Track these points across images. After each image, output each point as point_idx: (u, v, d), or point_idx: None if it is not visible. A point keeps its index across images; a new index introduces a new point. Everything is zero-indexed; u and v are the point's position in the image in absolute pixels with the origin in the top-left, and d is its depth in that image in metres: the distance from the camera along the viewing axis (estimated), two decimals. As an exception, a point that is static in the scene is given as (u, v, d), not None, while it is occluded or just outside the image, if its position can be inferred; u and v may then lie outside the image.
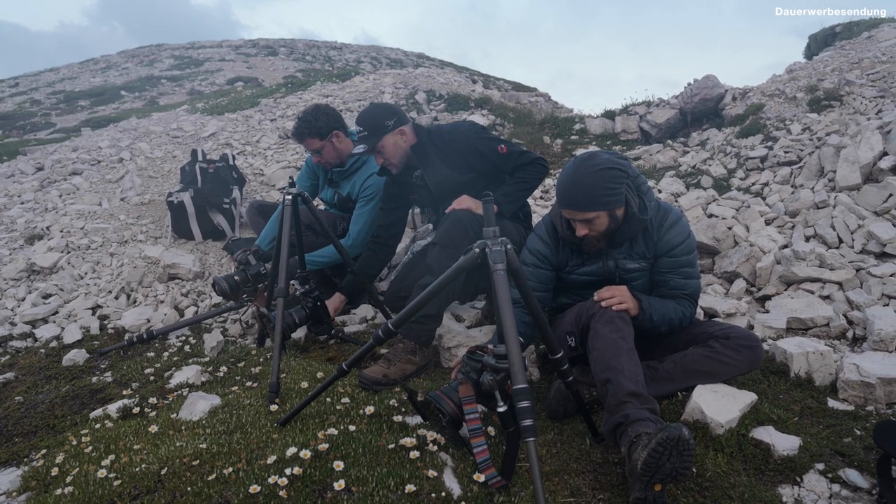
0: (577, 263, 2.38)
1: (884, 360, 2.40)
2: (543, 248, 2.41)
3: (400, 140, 2.95)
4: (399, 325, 1.90)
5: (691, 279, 2.31)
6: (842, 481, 1.85)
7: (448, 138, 2.98)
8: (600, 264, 2.33)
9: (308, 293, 2.96)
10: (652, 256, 2.32)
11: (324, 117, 3.39)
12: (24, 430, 2.54)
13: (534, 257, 2.43)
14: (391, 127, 2.91)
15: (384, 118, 2.91)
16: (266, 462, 1.79)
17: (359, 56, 23.00)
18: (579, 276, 2.38)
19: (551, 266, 2.42)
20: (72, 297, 3.90)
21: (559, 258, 2.41)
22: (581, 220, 2.19)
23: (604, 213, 2.16)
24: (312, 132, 3.37)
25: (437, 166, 2.99)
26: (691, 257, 2.31)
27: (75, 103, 15.82)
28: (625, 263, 2.31)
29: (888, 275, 3.11)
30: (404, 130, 2.96)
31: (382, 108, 2.98)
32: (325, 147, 3.42)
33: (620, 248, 2.31)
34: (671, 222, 2.28)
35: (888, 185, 3.66)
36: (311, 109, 3.45)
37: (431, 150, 2.99)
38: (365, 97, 8.21)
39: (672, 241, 2.27)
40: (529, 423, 1.54)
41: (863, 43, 8.10)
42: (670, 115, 6.97)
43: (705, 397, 2.12)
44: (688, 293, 2.31)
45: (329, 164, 3.54)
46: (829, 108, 5.54)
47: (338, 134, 3.44)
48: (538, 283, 2.42)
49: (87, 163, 6.34)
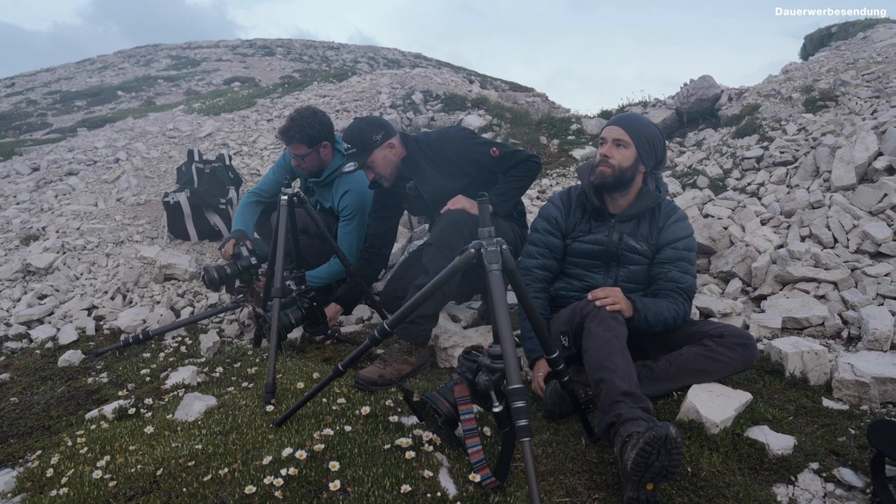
0: (585, 230, 2.51)
1: (878, 359, 2.41)
2: (555, 211, 2.57)
3: (389, 154, 2.92)
4: (395, 326, 1.90)
5: (688, 275, 2.38)
6: (836, 480, 1.85)
7: (438, 147, 2.95)
8: (606, 234, 2.46)
9: (304, 294, 2.96)
10: (654, 244, 2.43)
11: (318, 126, 3.31)
12: (20, 430, 2.53)
13: (545, 223, 2.58)
14: (379, 141, 2.87)
15: (372, 133, 2.87)
16: (262, 463, 1.78)
17: (356, 56, 22.99)
18: (583, 243, 2.50)
19: (561, 233, 2.56)
20: (67, 297, 3.89)
21: (568, 222, 2.55)
22: (616, 140, 2.39)
23: (634, 150, 2.37)
24: (303, 138, 3.28)
25: (430, 175, 2.96)
26: (691, 254, 2.42)
27: (72, 103, 15.77)
28: (628, 240, 2.42)
29: (883, 274, 3.12)
30: (393, 143, 2.92)
31: (369, 123, 2.94)
32: (310, 155, 3.34)
33: (627, 224, 2.45)
34: (679, 217, 2.46)
35: (883, 185, 3.67)
36: (307, 113, 3.33)
37: (422, 160, 2.96)
38: (362, 97, 8.21)
39: (677, 233, 2.41)
40: (524, 422, 1.54)
41: (858, 43, 8.14)
42: (667, 115, 6.98)
43: (700, 397, 2.12)
44: (683, 287, 2.35)
45: (307, 172, 3.46)
46: (825, 108, 5.56)
47: (326, 145, 3.38)
48: (546, 249, 2.55)
49: (83, 163, 6.33)
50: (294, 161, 3.43)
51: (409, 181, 3.03)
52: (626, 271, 2.45)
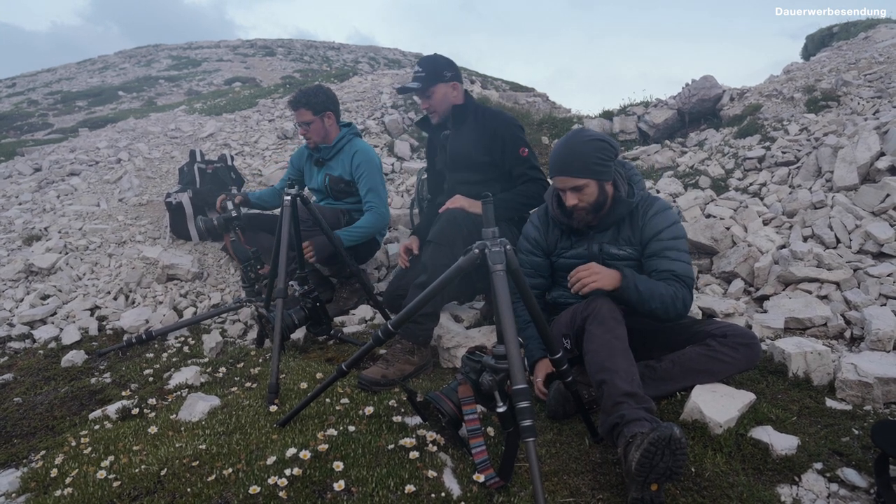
0: (566, 246, 2.48)
1: (881, 359, 2.41)
2: (535, 232, 2.54)
3: (450, 93, 3.07)
4: (398, 326, 1.91)
5: (679, 261, 2.28)
6: (840, 480, 1.85)
7: (488, 115, 3.07)
8: (586, 247, 2.42)
9: (307, 294, 2.96)
10: (638, 243, 2.38)
11: (322, 96, 3.61)
12: (23, 431, 2.54)
13: (527, 243, 2.56)
14: (448, 78, 3.04)
15: (444, 68, 3.03)
16: (266, 463, 1.79)
17: (356, 56, 22.97)
18: (567, 259, 2.47)
19: (543, 252, 2.54)
20: (70, 297, 3.90)
21: (549, 241, 2.52)
22: (572, 189, 2.28)
23: (594, 183, 2.27)
24: (309, 104, 3.57)
25: (465, 134, 3.06)
26: (678, 242, 2.32)
27: (73, 104, 15.77)
28: (608, 248, 2.39)
29: (885, 275, 3.12)
30: (457, 86, 3.08)
31: (445, 60, 3.10)
32: (314, 122, 3.61)
33: (606, 233, 2.40)
34: (657, 209, 2.36)
35: (885, 185, 3.67)
36: (313, 86, 3.71)
37: (469, 118, 3.08)
38: (363, 98, 8.19)
39: (657, 226, 2.33)
40: (529, 423, 1.54)
41: (860, 43, 8.13)
42: (668, 115, 6.98)
43: (704, 397, 2.12)
44: (677, 273, 2.25)
45: (311, 141, 3.71)
46: (827, 108, 5.55)
47: (330, 115, 3.65)
48: (532, 269, 2.54)
49: (85, 163, 6.33)
50: (301, 130, 3.69)
51: (447, 130, 3.15)
52: None
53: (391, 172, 6.07)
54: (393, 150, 6.50)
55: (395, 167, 6.20)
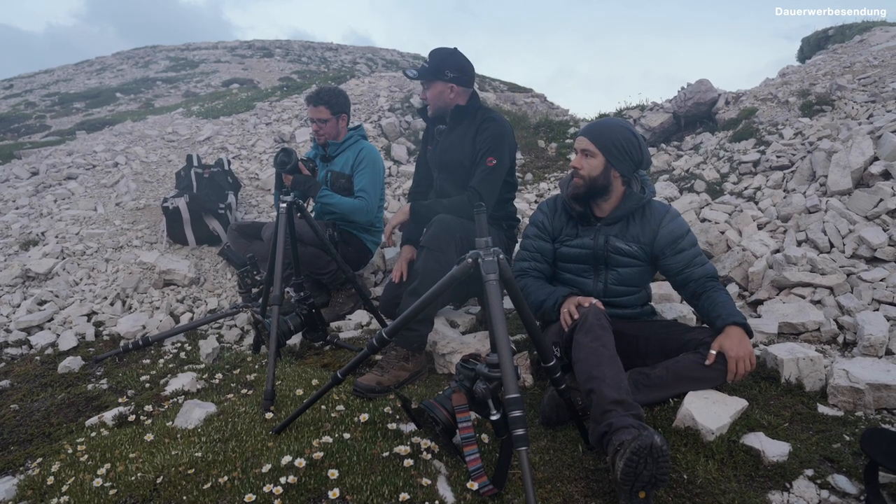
0: (571, 234, 2.56)
1: (873, 365, 2.43)
2: (543, 217, 2.64)
3: (446, 93, 3.08)
4: (393, 334, 1.92)
5: (707, 265, 2.47)
6: (830, 487, 1.87)
7: (486, 119, 3.07)
8: (592, 238, 2.49)
9: (303, 300, 2.97)
10: (648, 245, 2.45)
11: (342, 98, 3.81)
12: (20, 438, 2.54)
13: (534, 228, 2.65)
14: (447, 78, 3.05)
15: (447, 67, 3.02)
16: (261, 471, 1.80)
17: (354, 57, 22.96)
18: (570, 248, 2.55)
19: (550, 236, 2.61)
20: (67, 303, 3.90)
21: (555, 226, 2.60)
22: (583, 150, 2.43)
23: (602, 159, 2.40)
24: (329, 104, 3.74)
25: (456, 136, 3.09)
26: (697, 248, 2.49)
27: (70, 105, 15.75)
28: (615, 241, 2.46)
29: (878, 279, 3.14)
30: (454, 89, 3.08)
31: (454, 60, 3.06)
32: (330, 121, 3.77)
33: (614, 227, 2.48)
34: (672, 216, 2.50)
35: (879, 189, 3.69)
36: (334, 87, 3.88)
37: (465, 121, 3.09)
38: (361, 100, 8.20)
39: (675, 231, 2.45)
40: (521, 432, 1.56)
41: (855, 47, 8.16)
42: (664, 118, 7.00)
43: (696, 404, 2.14)
44: (711, 276, 2.44)
45: (321, 138, 3.84)
46: (821, 112, 5.58)
47: (344, 117, 3.85)
48: (539, 253, 2.61)
49: (82, 167, 6.33)
50: (314, 126, 3.82)
51: (443, 125, 3.19)
52: (615, 274, 2.49)
53: (388, 176, 6.08)
54: (389, 153, 6.51)
55: (392, 171, 6.21)
